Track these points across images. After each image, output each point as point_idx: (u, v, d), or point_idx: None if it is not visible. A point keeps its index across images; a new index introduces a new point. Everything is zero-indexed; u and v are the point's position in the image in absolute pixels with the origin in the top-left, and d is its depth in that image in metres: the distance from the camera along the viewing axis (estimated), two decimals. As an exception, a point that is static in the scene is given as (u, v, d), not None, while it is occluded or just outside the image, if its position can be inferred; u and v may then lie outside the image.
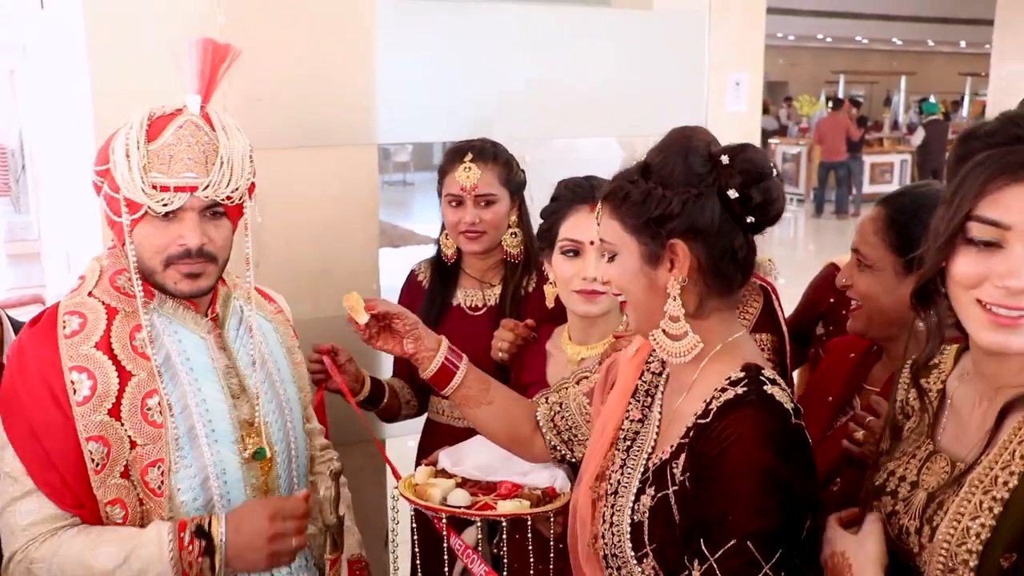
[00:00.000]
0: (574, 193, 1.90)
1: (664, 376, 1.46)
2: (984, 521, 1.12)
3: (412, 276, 2.42)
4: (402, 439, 2.74)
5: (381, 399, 2.29)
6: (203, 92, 1.57)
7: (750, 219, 1.31)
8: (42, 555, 1.50)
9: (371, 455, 2.06)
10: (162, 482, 1.55)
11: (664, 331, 1.32)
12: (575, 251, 1.87)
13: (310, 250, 2.47)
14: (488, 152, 2.24)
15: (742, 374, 1.29)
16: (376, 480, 2.59)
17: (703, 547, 1.21)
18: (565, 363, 1.96)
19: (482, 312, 2.31)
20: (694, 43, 3.05)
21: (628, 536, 1.35)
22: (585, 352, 1.94)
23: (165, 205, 1.52)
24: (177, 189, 1.52)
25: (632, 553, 1.34)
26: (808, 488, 1.24)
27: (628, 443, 1.45)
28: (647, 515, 1.33)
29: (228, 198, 1.56)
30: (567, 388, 1.75)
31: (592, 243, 1.83)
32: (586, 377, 1.88)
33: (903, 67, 24.26)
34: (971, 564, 1.12)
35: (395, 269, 2.64)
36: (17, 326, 1.91)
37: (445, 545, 1.71)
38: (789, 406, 1.26)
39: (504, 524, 1.66)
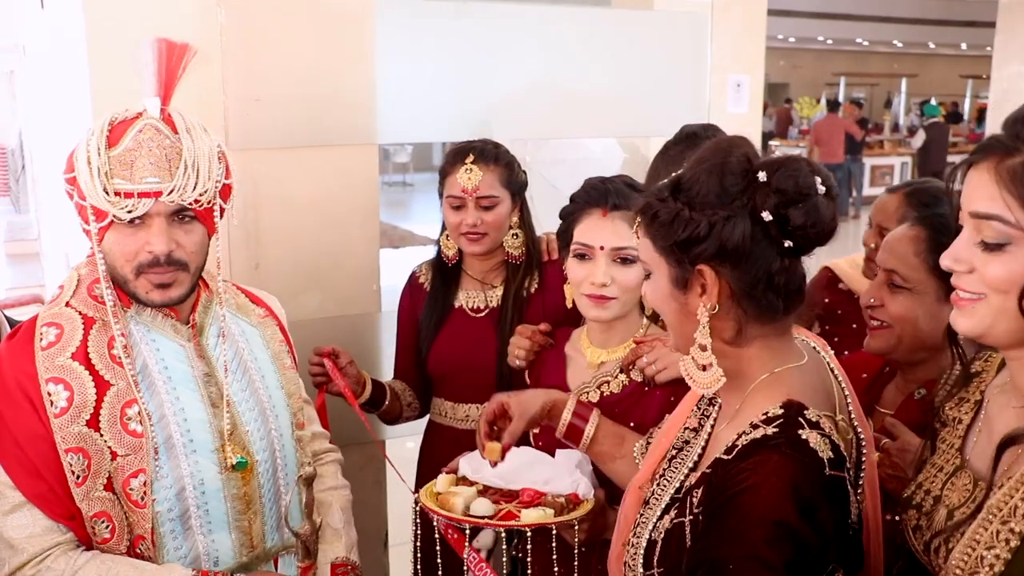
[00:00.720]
0: (588, 195, 1.85)
1: None
2: (999, 553, 1.08)
3: (413, 278, 2.41)
4: (401, 440, 2.74)
5: (382, 401, 2.29)
6: (162, 94, 1.52)
7: (788, 243, 1.20)
8: (56, 574, 1.49)
9: (370, 455, 2.05)
10: (144, 493, 1.53)
11: (693, 359, 1.25)
12: (585, 255, 1.83)
13: (310, 251, 2.46)
14: (490, 154, 2.23)
15: (780, 411, 1.19)
16: (376, 480, 2.58)
17: None
18: (585, 367, 1.92)
19: (484, 314, 2.30)
20: (695, 44, 3.05)
21: (643, 551, 1.30)
22: (605, 355, 1.89)
23: (129, 212, 1.49)
24: (141, 195, 1.48)
25: (642, 570, 1.29)
26: (832, 548, 1.15)
27: (674, 452, 1.40)
28: (662, 536, 1.28)
29: (196, 202, 1.52)
30: None
31: (602, 248, 1.80)
32: (607, 382, 1.83)
33: (904, 69, 24.23)
34: None
35: (395, 270, 2.64)
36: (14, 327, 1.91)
37: (465, 556, 1.68)
38: (826, 454, 1.15)
39: (528, 533, 1.62)
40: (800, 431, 1.16)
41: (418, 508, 1.71)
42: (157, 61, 1.51)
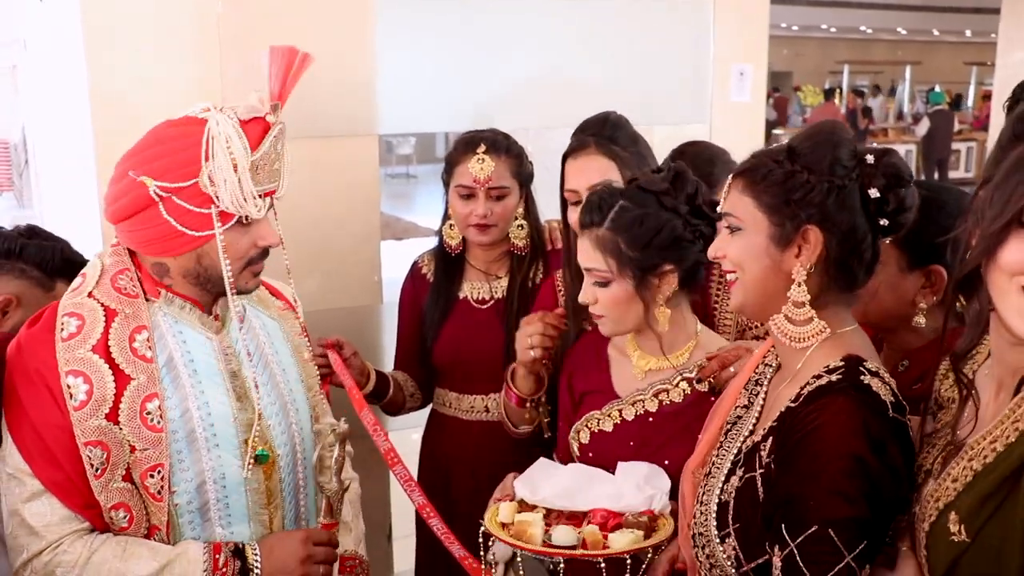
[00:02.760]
0: (581, 214, 1.75)
1: (776, 366, 1.46)
2: (957, 487, 1.13)
3: (415, 268, 2.40)
4: (406, 432, 2.73)
5: (386, 392, 2.28)
6: (282, 99, 1.56)
7: (884, 222, 1.32)
8: (71, 560, 1.49)
9: (371, 448, 2.04)
10: (162, 487, 1.53)
11: (786, 316, 1.33)
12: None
13: (311, 242, 2.45)
14: (501, 144, 2.21)
15: (841, 363, 1.28)
16: (378, 473, 2.58)
17: (784, 532, 1.20)
18: (632, 372, 1.78)
19: (489, 305, 2.29)
20: (698, 33, 3.03)
21: (714, 514, 1.36)
22: (655, 363, 1.75)
23: (258, 210, 1.54)
24: (265, 195, 1.55)
25: (716, 532, 1.35)
26: (900, 487, 1.22)
27: (729, 426, 1.47)
28: (733, 495, 1.34)
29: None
30: None
31: (588, 270, 1.71)
32: (665, 390, 1.74)
33: (908, 57, 24.11)
34: (930, 520, 1.15)
35: (398, 262, 2.62)
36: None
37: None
38: (888, 398, 1.24)
39: (628, 561, 1.53)
40: (862, 377, 1.25)
41: (483, 531, 1.62)
42: (280, 65, 1.54)
